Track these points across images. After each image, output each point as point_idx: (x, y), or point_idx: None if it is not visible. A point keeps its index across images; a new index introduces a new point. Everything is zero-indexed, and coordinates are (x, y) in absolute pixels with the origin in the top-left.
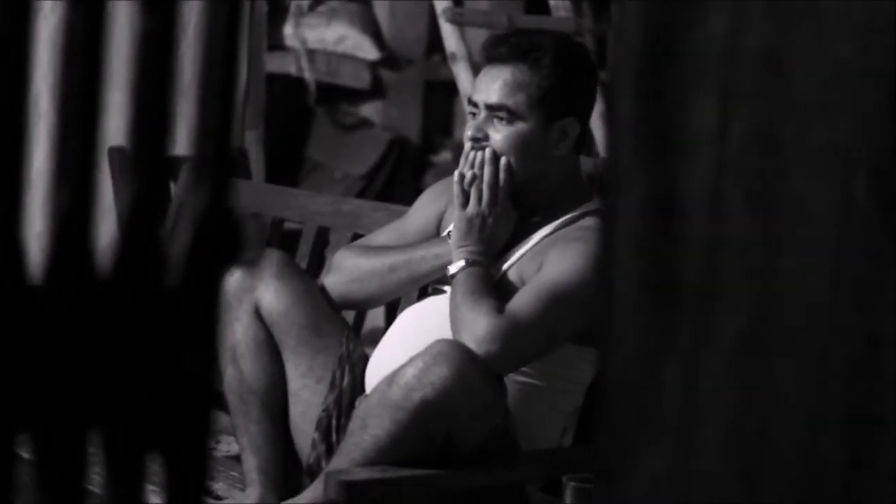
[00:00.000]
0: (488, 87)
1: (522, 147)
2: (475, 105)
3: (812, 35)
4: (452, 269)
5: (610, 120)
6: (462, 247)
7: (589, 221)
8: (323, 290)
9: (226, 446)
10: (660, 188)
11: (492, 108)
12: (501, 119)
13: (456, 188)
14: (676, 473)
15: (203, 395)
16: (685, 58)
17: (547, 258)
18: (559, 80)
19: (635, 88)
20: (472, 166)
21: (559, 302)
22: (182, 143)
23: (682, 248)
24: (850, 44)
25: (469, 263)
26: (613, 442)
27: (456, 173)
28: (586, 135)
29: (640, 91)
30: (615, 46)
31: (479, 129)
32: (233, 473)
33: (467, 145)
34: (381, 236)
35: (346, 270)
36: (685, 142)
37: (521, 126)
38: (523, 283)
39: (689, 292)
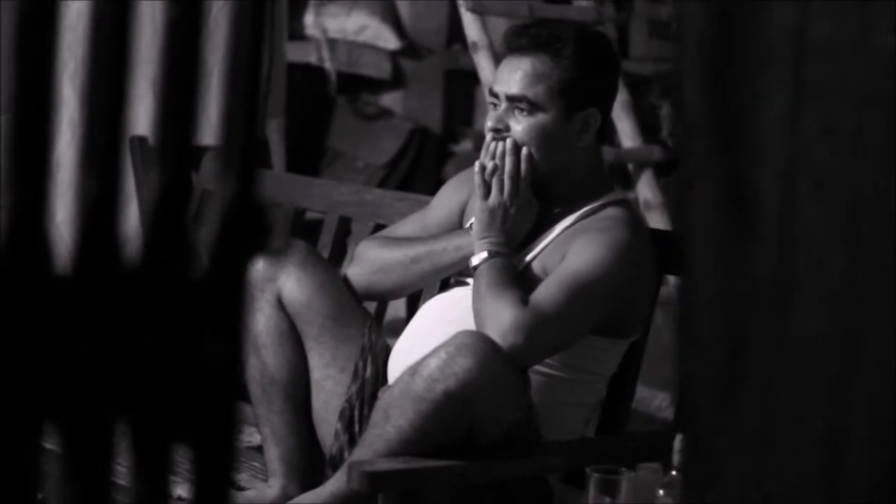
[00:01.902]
0: (509, 77)
1: (543, 138)
2: (496, 96)
3: (883, 25)
4: (475, 260)
5: (678, 113)
6: (484, 238)
7: (611, 211)
8: (345, 280)
9: (248, 437)
10: (733, 182)
11: (512, 100)
12: (522, 110)
13: (477, 179)
14: (760, 477)
15: (229, 386)
16: (753, 47)
17: (570, 249)
18: (580, 71)
19: (702, 80)
20: (493, 157)
21: (583, 293)
22: (208, 132)
23: (758, 243)
24: None
25: (491, 255)
26: (700, 454)
27: (477, 164)
28: (608, 125)
29: (707, 82)
30: (679, 36)
31: (499, 119)
32: (255, 464)
33: (488, 136)
34: (403, 227)
35: (368, 262)
36: (757, 134)
37: (541, 117)
38: (546, 274)
39: (765, 288)
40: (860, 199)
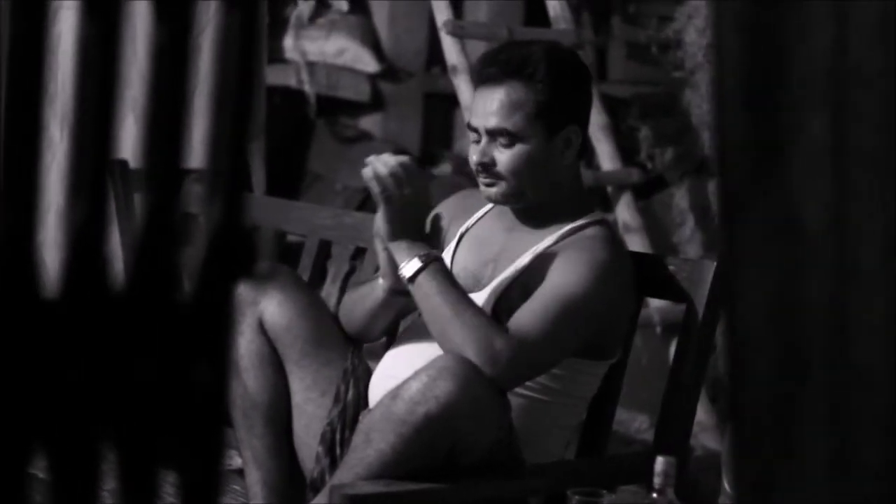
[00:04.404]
0: (485, 110)
1: (529, 166)
2: (475, 130)
3: None
4: (407, 271)
5: (718, 139)
6: (401, 241)
7: (592, 231)
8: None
9: (229, 460)
10: (779, 210)
11: (492, 133)
12: (503, 142)
13: (374, 188)
14: None
15: (215, 410)
16: (794, 72)
17: (551, 269)
18: (555, 92)
19: (743, 105)
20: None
21: (566, 315)
22: (195, 156)
23: (808, 272)
24: None
25: (424, 261)
26: (752, 481)
27: (366, 171)
28: (587, 140)
29: (749, 108)
30: (715, 62)
31: (483, 153)
32: (236, 487)
33: (475, 169)
34: None
35: (342, 308)
36: (802, 160)
37: (524, 146)
38: (528, 293)
39: (819, 316)
40: None
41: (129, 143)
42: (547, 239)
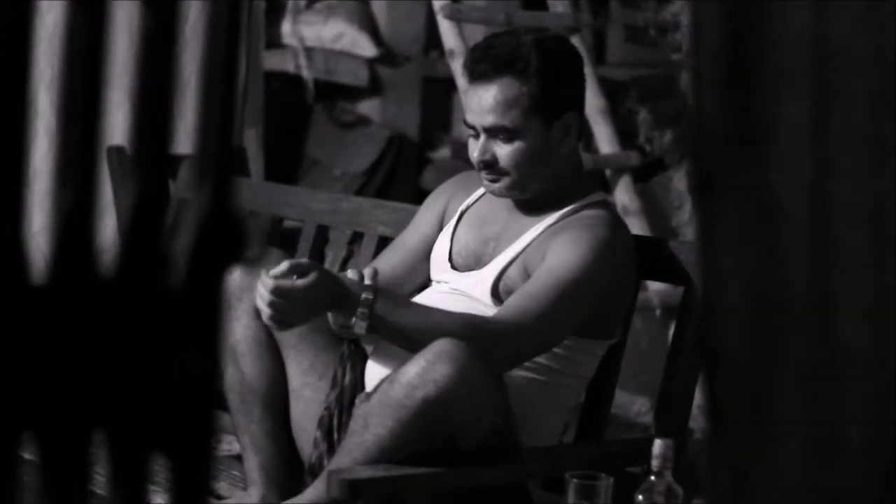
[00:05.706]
0: (480, 108)
1: (531, 159)
2: (472, 127)
3: None
4: (359, 329)
5: (695, 123)
6: (334, 308)
7: (593, 211)
8: None
9: (227, 445)
10: (758, 193)
11: (489, 131)
12: (503, 138)
13: (271, 322)
14: (802, 493)
15: (206, 395)
16: (772, 54)
17: (551, 249)
18: (548, 83)
19: (721, 89)
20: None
21: (563, 297)
22: (183, 141)
23: (788, 254)
24: None
25: (369, 309)
26: (727, 465)
27: (265, 317)
28: (585, 123)
29: (727, 92)
30: (696, 45)
31: (484, 150)
32: (234, 473)
33: (477, 166)
34: (384, 259)
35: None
36: (781, 143)
37: (523, 141)
38: (528, 273)
39: (798, 299)
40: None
41: (125, 129)
42: (548, 219)
